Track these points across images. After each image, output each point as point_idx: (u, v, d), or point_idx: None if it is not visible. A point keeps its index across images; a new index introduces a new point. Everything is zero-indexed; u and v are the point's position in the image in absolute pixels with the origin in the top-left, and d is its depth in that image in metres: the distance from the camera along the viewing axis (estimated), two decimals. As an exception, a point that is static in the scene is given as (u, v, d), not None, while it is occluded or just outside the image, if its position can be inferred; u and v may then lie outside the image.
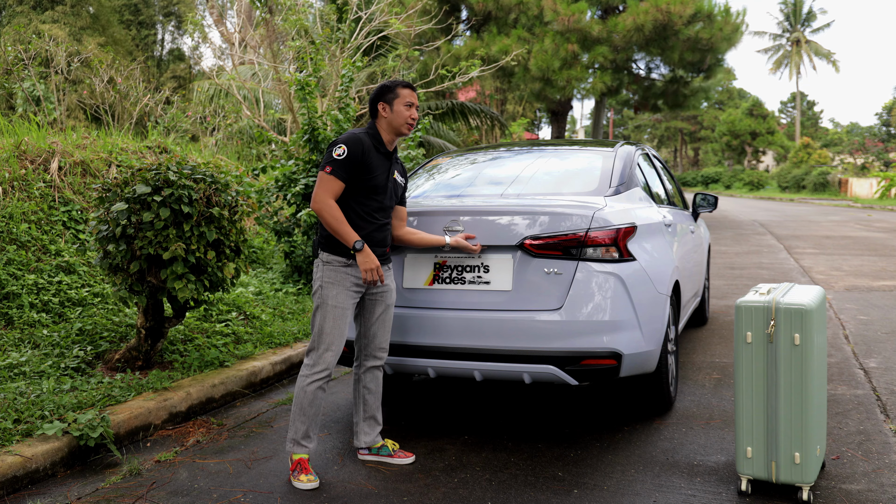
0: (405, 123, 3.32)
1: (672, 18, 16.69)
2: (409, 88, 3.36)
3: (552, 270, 3.48)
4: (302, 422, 3.26)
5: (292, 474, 3.21)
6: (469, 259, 3.63)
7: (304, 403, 3.25)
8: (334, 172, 3.16)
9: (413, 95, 3.35)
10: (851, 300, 7.51)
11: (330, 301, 3.24)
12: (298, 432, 3.27)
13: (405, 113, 3.31)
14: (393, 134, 3.35)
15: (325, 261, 3.26)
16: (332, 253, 3.26)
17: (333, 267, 3.25)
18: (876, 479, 3.12)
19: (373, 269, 3.21)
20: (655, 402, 4.00)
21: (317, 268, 3.31)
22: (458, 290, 3.62)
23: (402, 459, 3.44)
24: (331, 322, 3.23)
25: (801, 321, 2.83)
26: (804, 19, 60.26)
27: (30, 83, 9.50)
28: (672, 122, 64.64)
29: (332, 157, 3.17)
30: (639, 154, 4.72)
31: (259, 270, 7.39)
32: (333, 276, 3.25)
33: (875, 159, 42.23)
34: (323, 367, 3.25)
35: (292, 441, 3.27)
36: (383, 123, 3.34)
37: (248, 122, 12.15)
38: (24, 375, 4.06)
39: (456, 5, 18.73)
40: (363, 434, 3.51)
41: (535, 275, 3.50)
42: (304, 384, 3.27)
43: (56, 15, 28.26)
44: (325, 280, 3.25)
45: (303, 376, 3.28)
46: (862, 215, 22.57)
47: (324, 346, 3.25)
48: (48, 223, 5.78)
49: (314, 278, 3.31)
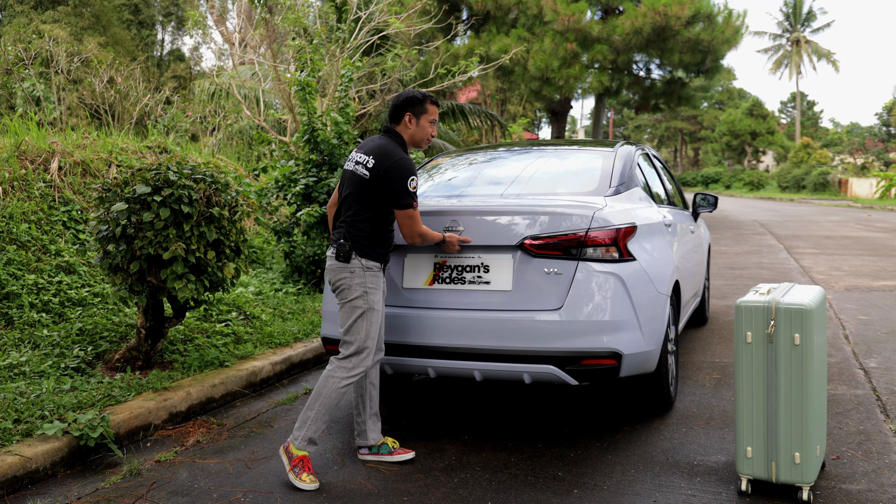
0: (425, 139, 3.41)
1: (670, 21, 16.68)
2: (436, 105, 3.44)
3: (552, 270, 3.48)
4: (324, 420, 3.27)
5: (293, 470, 3.17)
6: (469, 259, 3.62)
7: (333, 402, 3.26)
8: (418, 206, 3.38)
9: (437, 113, 3.44)
10: (851, 300, 7.51)
11: (377, 306, 3.30)
12: (318, 430, 3.26)
13: (428, 130, 3.40)
14: (411, 145, 3.43)
15: (367, 266, 3.28)
16: (373, 259, 3.30)
17: (374, 273, 3.30)
18: (876, 479, 3.12)
19: (454, 245, 3.52)
20: (655, 402, 4.00)
21: (351, 273, 3.28)
22: (459, 290, 3.61)
23: (403, 456, 3.45)
24: (376, 326, 3.30)
25: (801, 321, 2.83)
26: (804, 19, 60.24)
27: (30, 83, 9.50)
28: (672, 122, 64.67)
29: (410, 190, 3.27)
30: (639, 154, 4.72)
31: (259, 270, 7.39)
32: (375, 281, 3.30)
33: (875, 159, 42.24)
34: (362, 370, 3.29)
35: (307, 439, 3.24)
36: (406, 134, 3.39)
37: (248, 122, 12.15)
38: (24, 375, 4.06)
39: (456, 5, 18.72)
40: (370, 431, 3.51)
41: (536, 275, 3.50)
42: (339, 385, 3.25)
43: (57, 15, 28.26)
44: (369, 286, 3.28)
45: (338, 378, 3.26)
46: (862, 215, 22.56)
47: (367, 350, 3.28)
48: (48, 223, 5.78)
49: (349, 285, 3.27)
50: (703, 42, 17.61)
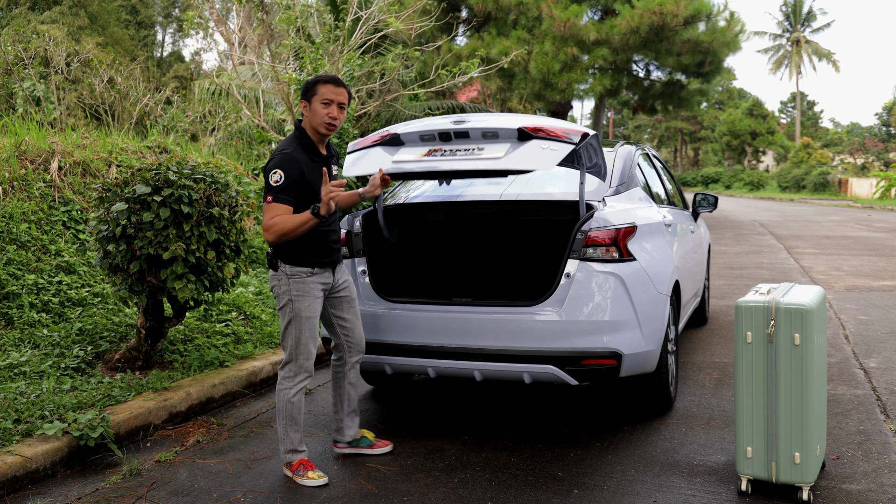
0: (322, 123, 3.13)
1: (667, 20, 16.63)
2: (332, 84, 3.14)
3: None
4: (295, 430, 3.26)
5: (295, 474, 3.20)
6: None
7: (294, 413, 3.25)
8: (277, 199, 3.04)
9: (335, 92, 3.12)
10: (851, 300, 7.51)
11: (304, 314, 3.21)
12: (294, 441, 3.27)
13: (322, 111, 3.12)
14: (315, 135, 3.19)
15: (289, 274, 3.18)
16: (295, 265, 3.19)
17: (300, 279, 3.19)
18: (876, 479, 3.12)
19: (333, 194, 2.99)
20: (655, 402, 4.00)
21: (279, 281, 3.20)
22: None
23: (382, 449, 3.50)
24: (307, 333, 3.23)
25: (801, 321, 2.83)
26: (804, 19, 60.21)
27: (30, 83, 9.49)
28: (672, 123, 64.61)
29: (270, 184, 3.04)
30: (639, 154, 4.72)
31: (259, 270, 7.39)
32: (302, 287, 3.20)
33: (875, 159, 42.21)
34: (305, 375, 3.27)
35: (290, 451, 3.27)
36: (307, 124, 3.19)
37: (248, 122, 12.14)
38: (24, 375, 4.06)
39: (456, 5, 18.70)
40: (348, 428, 3.53)
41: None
42: (289, 396, 3.25)
43: (54, 15, 28.25)
44: (293, 294, 3.19)
45: (286, 389, 3.25)
46: (862, 215, 22.56)
47: (303, 356, 3.25)
48: (48, 223, 5.78)
49: (279, 293, 3.22)
50: (702, 43, 17.58)
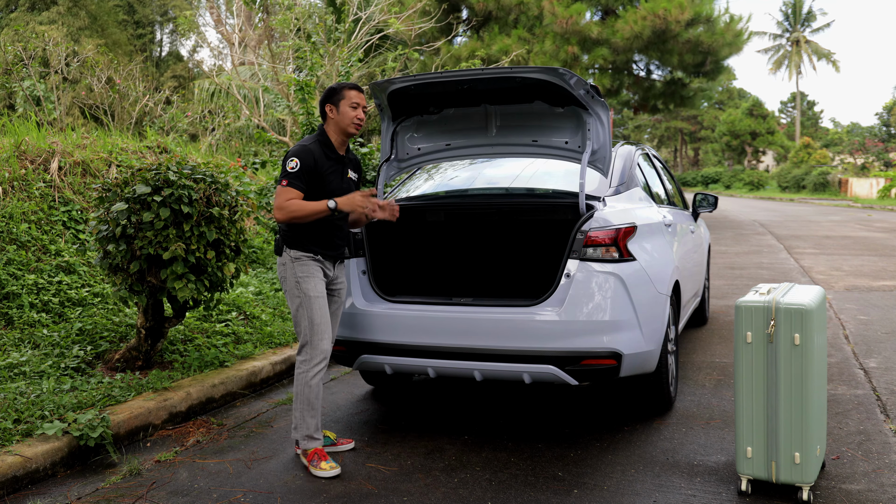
0: (351, 123, 3.40)
1: (670, 25, 16.64)
2: (356, 90, 3.45)
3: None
4: (312, 416, 3.31)
5: (310, 464, 3.24)
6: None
7: (312, 397, 3.30)
8: (291, 184, 3.25)
9: (360, 97, 3.43)
10: (851, 300, 7.51)
11: (311, 293, 3.31)
12: (311, 427, 3.31)
13: (351, 113, 3.39)
14: (342, 135, 3.43)
15: (294, 257, 3.33)
16: (299, 249, 3.33)
17: (303, 262, 3.33)
18: (876, 479, 3.12)
19: (363, 202, 3.29)
20: (655, 402, 4.00)
21: (284, 266, 3.36)
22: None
23: (345, 446, 3.56)
24: (318, 312, 3.31)
25: (801, 321, 2.83)
26: (804, 19, 60.20)
27: (30, 83, 9.49)
28: (672, 122, 64.59)
29: (287, 170, 3.27)
30: (639, 154, 4.72)
31: (259, 270, 7.39)
32: (305, 269, 3.33)
33: (875, 159, 42.20)
34: (322, 357, 3.31)
35: (306, 437, 3.30)
36: (331, 126, 3.42)
37: (247, 122, 12.14)
38: (24, 375, 4.06)
39: (456, 5, 18.70)
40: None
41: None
42: (307, 379, 3.30)
43: (52, 16, 28.23)
44: (299, 275, 3.32)
45: (303, 372, 3.31)
46: (862, 215, 22.56)
47: (317, 336, 3.30)
48: (48, 223, 5.78)
49: (285, 276, 3.36)
50: (703, 44, 17.59)
